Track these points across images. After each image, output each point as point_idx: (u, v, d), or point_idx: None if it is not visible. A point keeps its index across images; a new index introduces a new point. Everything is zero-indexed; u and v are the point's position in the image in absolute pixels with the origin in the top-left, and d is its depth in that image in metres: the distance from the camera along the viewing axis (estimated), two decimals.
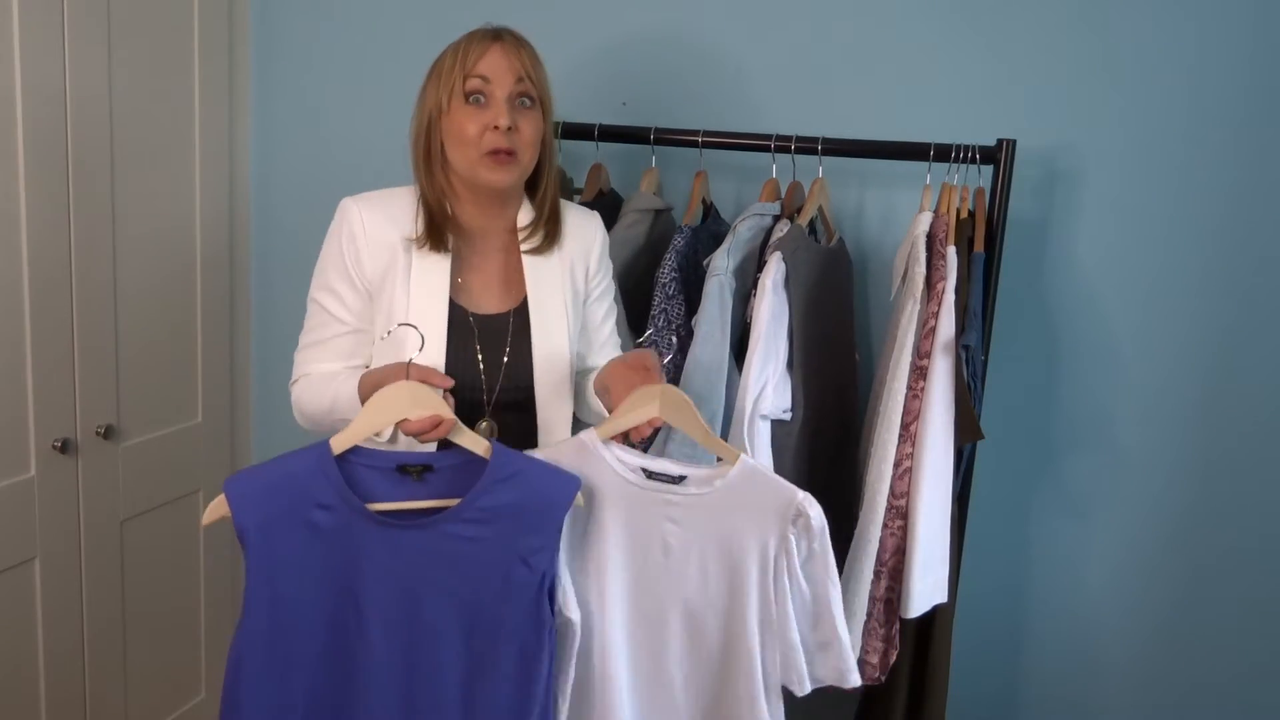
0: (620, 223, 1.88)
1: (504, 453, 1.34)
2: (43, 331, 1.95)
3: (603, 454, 1.41)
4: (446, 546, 1.33)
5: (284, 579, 1.31)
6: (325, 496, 1.31)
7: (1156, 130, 1.87)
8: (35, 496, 1.98)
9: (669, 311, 1.78)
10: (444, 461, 1.36)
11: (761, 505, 1.38)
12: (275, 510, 1.29)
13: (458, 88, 1.44)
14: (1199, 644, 1.99)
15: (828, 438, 1.84)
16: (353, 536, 1.32)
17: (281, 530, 1.30)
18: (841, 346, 1.92)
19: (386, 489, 1.34)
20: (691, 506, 1.40)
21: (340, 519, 1.31)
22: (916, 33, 1.95)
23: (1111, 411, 1.97)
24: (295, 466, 1.31)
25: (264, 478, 1.30)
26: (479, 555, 1.34)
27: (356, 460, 1.33)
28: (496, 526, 1.33)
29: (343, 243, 1.50)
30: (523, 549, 1.34)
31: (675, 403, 1.38)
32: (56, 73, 1.91)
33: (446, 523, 1.33)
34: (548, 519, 1.34)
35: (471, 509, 1.33)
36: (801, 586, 1.40)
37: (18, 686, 2.01)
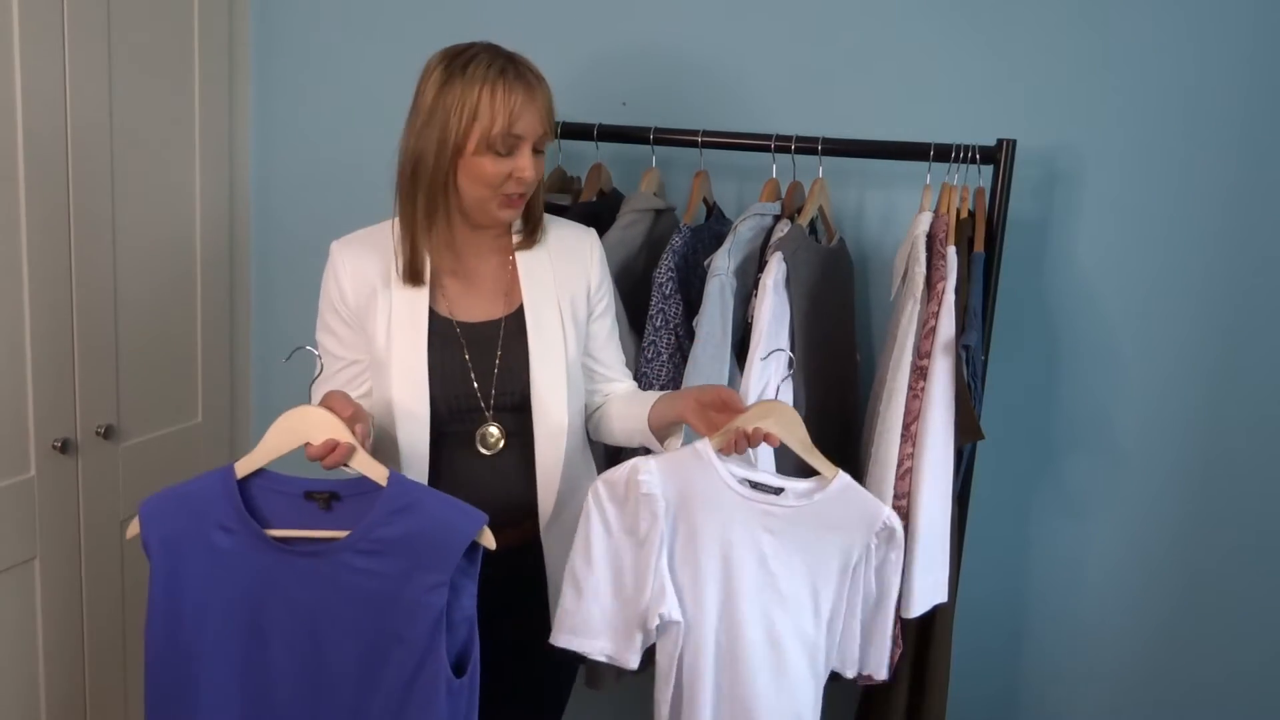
0: (618, 223, 1.88)
1: (401, 483, 1.34)
2: (43, 332, 1.95)
3: (714, 463, 1.47)
4: (342, 577, 1.32)
5: (184, 597, 1.32)
6: (226, 519, 1.32)
7: (1156, 130, 1.87)
8: (35, 496, 1.98)
9: (666, 311, 1.78)
10: (351, 490, 1.35)
11: (853, 519, 1.48)
12: (177, 527, 1.31)
13: (494, 139, 1.43)
14: (1199, 644, 1.99)
15: (828, 437, 1.83)
16: (252, 561, 1.32)
17: (183, 548, 1.31)
18: (842, 347, 1.92)
19: (291, 515, 1.34)
20: (788, 518, 1.48)
21: (239, 543, 1.32)
22: (916, 33, 1.95)
23: (1111, 411, 1.97)
24: (201, 487, 1.32)
25: (173, 496, 1.32)
26: (374, 588, 1.32)
27: (264, 484, 1.34)
28: (390, 559, 1.32)
29: (329, 283, 1.57)
30: (418, 584, 1.31)
31: (788, 421, 1.48)
32: (56, 73, 1.91)
33: (341, 552, 1.32)
34: (443, 554, 1.31)
35: (365, 539, 1.32)
36: (870, 584, 1.51)
37: (18, 686, 2.01)
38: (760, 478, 1.49)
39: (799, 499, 1.48)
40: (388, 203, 1.61)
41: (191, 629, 1.33)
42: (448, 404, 1.53)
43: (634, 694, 2.16)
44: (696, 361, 1.72)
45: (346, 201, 2.36)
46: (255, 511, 1.33)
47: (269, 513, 1.33)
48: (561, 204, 1.97)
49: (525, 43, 1.59)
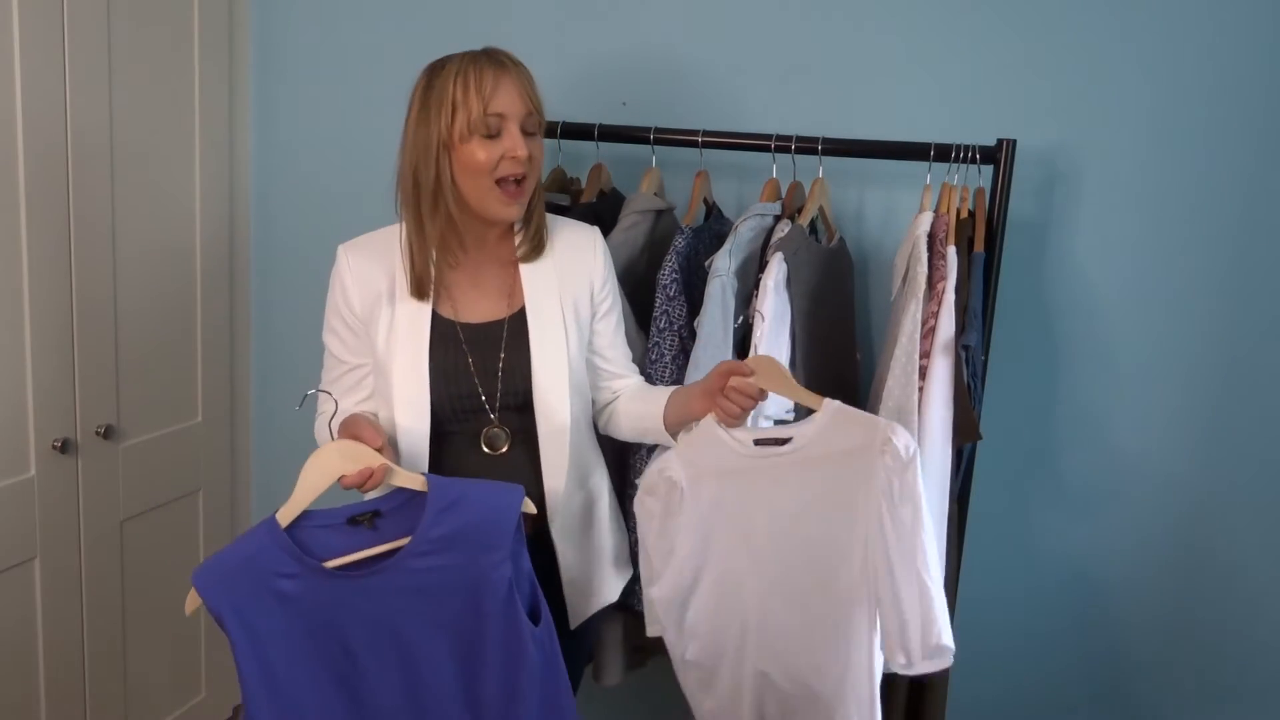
0: (620, 224, 1.88)
1: (440, 483, 1.41)
2: (43, 332, 1.95)
3: (720, 435, 1.53)
4: (413, 581, 1.39)
5: (273, 654, 1.37)
6: (285, 566, 1.36)
7: (1156, 130, 1.87)
8: (35, 496, 1.98)
9: (670, 313, 1.78)
10: (390, 504, 1.42)
11: (853, 444, 1.47)
12: (243, 593, 1.35)
13: (475, 121, 1.45)
14: (1199, 643, 1.99)
15: None
16: (322, 595, 1.37)
17: (254, 610, 1.35)
18: (843, 347, 1.92)
19: (342, 544, 1.40)
20: (795, 464, 1.50)
21: (305, 583, 1.37)
22: (917, 33, 1.95)
23: (1111, 411, 1.97)
24: (250, 547, 1.36)
25: (225, 562, 1.36)
26: (444, 582, 1.39)
27: (308, 524, 1.39)
28: (452, 552, 1.39)
29: (335, 288, 1.59)
30: (483, 565, 1.39)
31: (768, 367, 1.51)
32: (57, 76, 1.91)
33: (405, 560, 1.39)
34: (499, 533, 1.40)
35: (424, 543, 1.39)
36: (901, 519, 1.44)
37: (18, 686, 2.01)
38: (768, 433, 1.53)
39: (799, 441, 1.50)
40: (387, 205, 1.61)
41: (287, 675, 1.38)
42: (450, 404, 1.54)
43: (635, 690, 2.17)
44: (697, 362, 1.72)
45: (346, 203, 2.36)
46: (307, 551, 1.38)
47: (320, 549, 1.39)
48: (561, 204, 1.97)
49: (525, 44, 1.60)
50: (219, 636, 2.50)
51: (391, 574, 1.39)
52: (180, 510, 2.36)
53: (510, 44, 1.54)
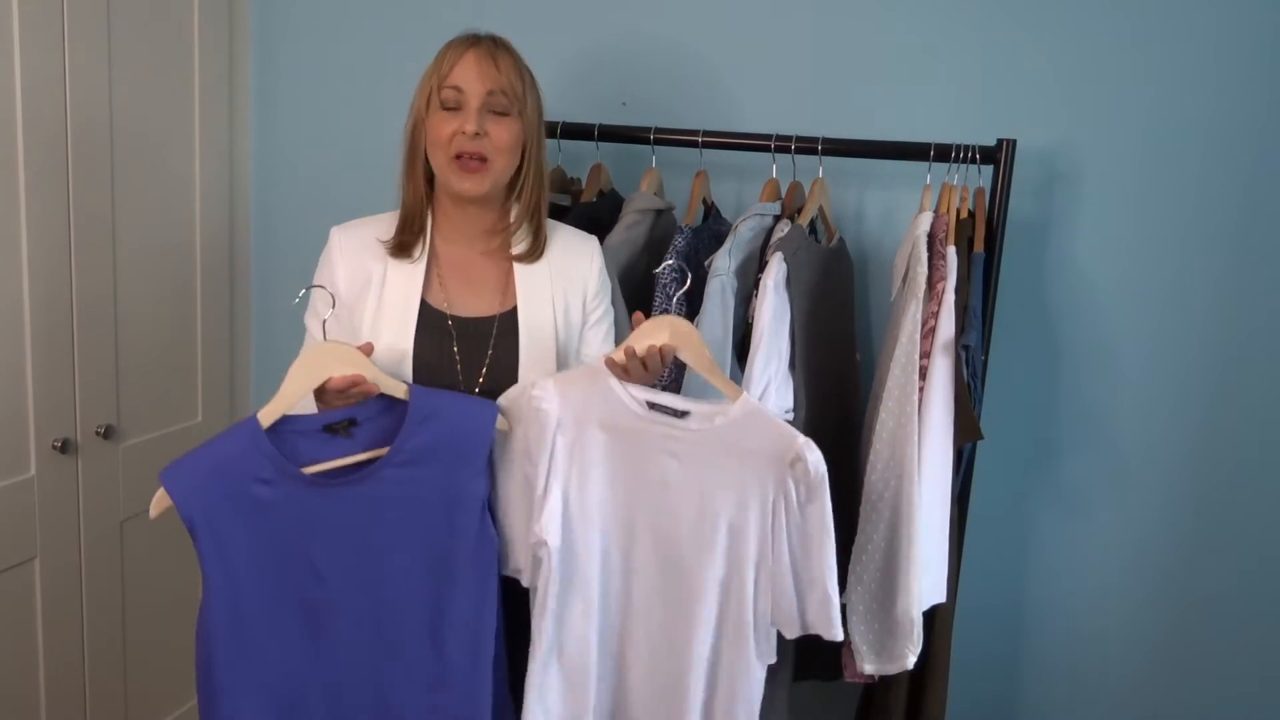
0: (620, 223, 1.88)
1: (421, 393, 1.40)
2: (43, 331, 1.95)
3: (611, 382, 1.43)
4: (388, 492, 1.38)
5: (239, 561, 1.34)
6: (263, 471, 1.34)
7: (1156, 130, 1.87)
8: (35, 496, 1.98)
9: (669, 312, 1.78)
10: (367, 413, 1.41)
11: (761, 447, 1.39)
12: (217, 495, 1.32)
13: (434, 94, 1.49)
14: (1200, 644, 1.99)
15: (828, 438, 1.83)
16: (297, 504, 1.36)
17: (227, 513, 1.33)
18: (842, 346, 1.92)
19: (318, 450, 1.38)
20: (692, 443, 1.41)
21: (282, 490, 1.35)
22: (916, 33, 1.95)
23: (1111, 411, 1.97)
24: (229, 447, 1.34)
25: (200, 463, 1.32)
26: (420, 494, 1.39)
27: (285, 429, 1.37)
28: (429, 465, 1.39)
29: (324, 268, 1.58)
30: (458, 479, 1.40)
31: (684, 333, 1.41)
32: (56, 73, 1.91)
33: (382, 470, 1.38)
34: (475, 447, 1.40)
35: (401, 453, 1.38)
36: (797, 530, 1.41)
37: (18, 686, 2.01)
38: (664, 399, 1.42)
39: (702, 423, 1.41)
40: (389, 201, 1.62)
41: (250, 590, 1.36)
42: None
43: None
44: None
45: (346, 201, 2.36)
46: (288, 456, 1.36)
47: (297, 454, 1.37)
48: (561, 204, 1.97)
49: (525, 42, 1.60)
50: None
51: (368, 483, 1.37)
52: None
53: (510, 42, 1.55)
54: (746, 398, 1.41)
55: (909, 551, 1.64)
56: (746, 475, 1.40)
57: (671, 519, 1.43)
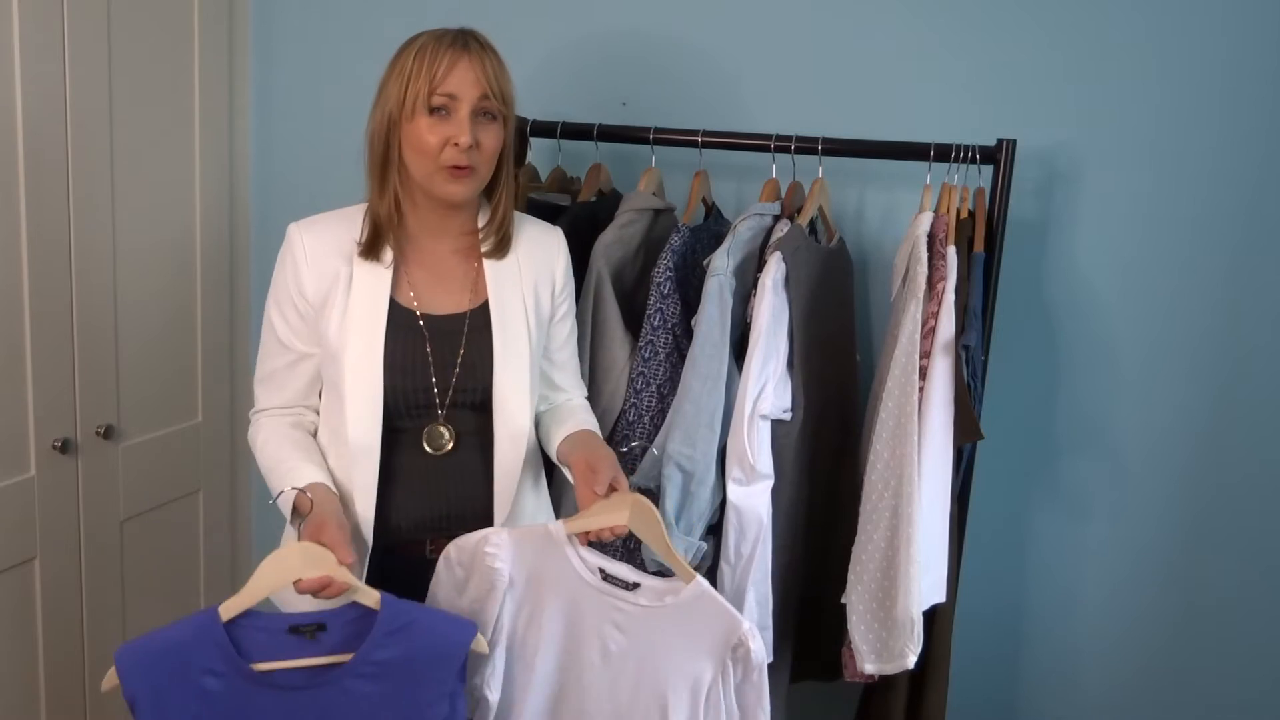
0: (616, 222, 1.87)
1: (394, 604, 1.33)
2: (43, 331, 1.95)
3: (565, 548, 1.42)
4: (341, 703, 1.32)
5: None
6: (214, 663, 1.29)
7: (1156, 130, 1.87)
8: (35, 496, 1.98)
9: (664, 311, 1.78)
10: (338, 619, 1.34)
11: (706, 630, 1.38)
12: (164, 678, 1.28)
13: (422, 99, 1.42)
14: (1200, 642, 1.99)
15: (828, 438, 1.84)
16: (245, 701, 1.30)
17: (172, 699, 1.28)
18: (842, 346, 1.91)
19: (278, 650, 1.32)
20: (638, 617, 1.40)
21: (230, 685, 1.30)
22: (917, 33, 1.95)
23: (1111, 411, 1.97)
24: (184, 633, 1.30)
25: (153, 645, 1.29)
26: (375, 710, 1.32)
27: (248, 624, 1.32)
28: (391, 681, 1.32)
29: (286, 268, 1.52)
30: (421, 700, 1.32)
31: (644, 515, 1.40)
32: (56, 73, 1.91)
33: (340, 680, 1.32)
34: (444, 667, 1.33)
35: (365, 663, 1.32)
36: (732, 708, 1.39)
37: (18, 686, 2.01)
38: (616, 570, 1.41)
39: (651, 600, 1.40)
40: None
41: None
42: (404, 398, 1.48)
43: None
44: (694, 361, 1.72)
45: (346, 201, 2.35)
46: (241, 650, 1.31)
47: (255, 650, 1.31)
48: (561, 204, 1.97)
49: (525, 42, 1.60)
50: None
51: (323, 691, 1.31)
52: (180, 510, 2.36)
53: (509, 42, 1.54)
54: (699, 580, 1.39)
55: (909, 551, 1.64)
56: (687, 654, 1.39)
57: (608, 689, 1.42)
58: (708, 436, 1.72)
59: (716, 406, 1.72)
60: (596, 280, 1.79)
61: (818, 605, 1.85)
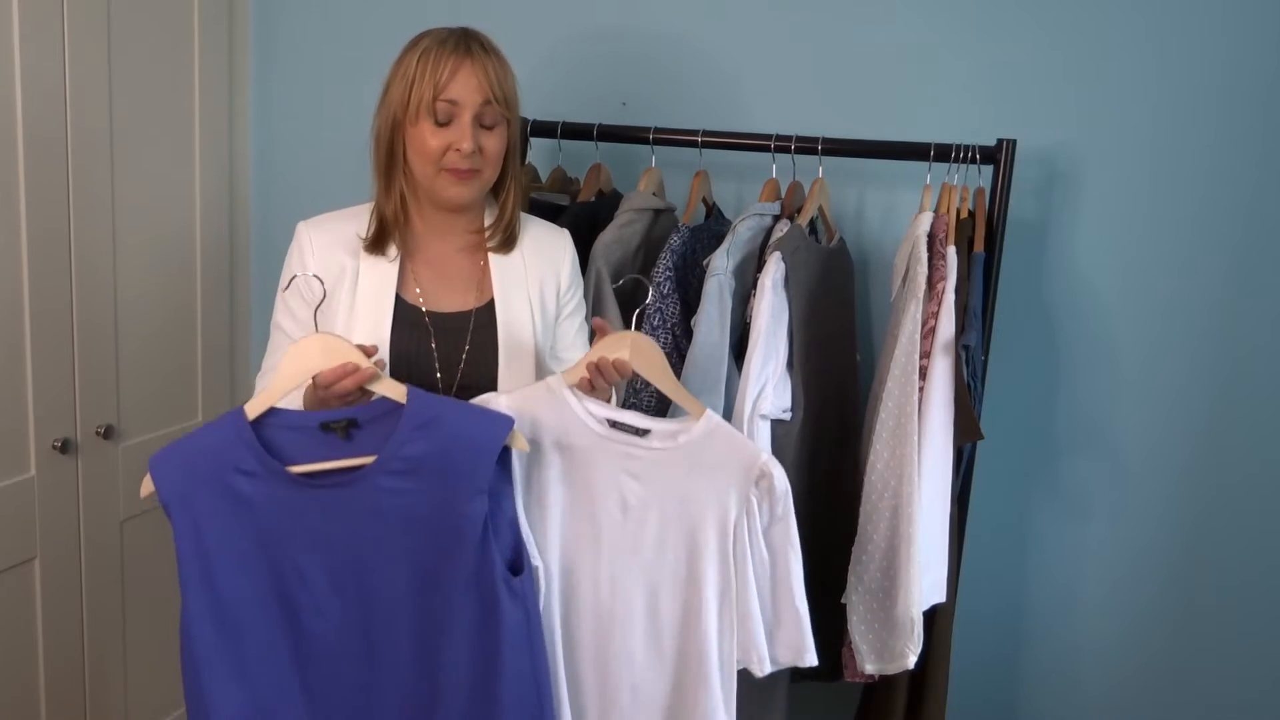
0: (615, 221, 1.87)
1: (421, 398, 1.29)
2: (43, 331, 1.95)
3: (569, 399, 1.37)
4: (377, 502, 1.28)
5: (216, 552, 1.27)
6: (245, 463, 1.26)
7: (1156, 130, 1.87)
8: (35, 496, 1.98)
9: (664, 311, 1.78)
10: (369, 414, 1.29)
11: (724, 464, 1.35)
12: (195, 480, 1.25)
13: (425, 104, 1.43)
14: (1200, 642, 1.99)
15: (828, 438, 1.84)
16: (281, 502, 1.27)
17: (204, 500, 1.26)
18: (841, 346, 1.91)
19: (311, 449, 1.28)
20: (654, 462, 1.36)
21: (264, 486, 1.26)
22: (917, 33, 1.95)
23: (1111, 411, 1.97)
24: (212, 435, 1.27)
25: (185, 449, 1.27)
26: (411, 508, 1.28)
27: (276, 423, 1.28)
28: (423, 476, 1.27)
29: (293, 262, 1.54)
30: (455, 497, 1.27)
31: (645, 350, 1.36)
32: (56, 72, 1.91)
33: (371, 477, 1.27)
34: (477, 463, 1.27)
35: (394, 460, 1.27)
36: (762, 553, 1.37)
37: (18, 686, 2.01)
38: (624, 417, 1.37)
39: (664, 441, 1.35)
40: None
41: (228, 582, 1.28)
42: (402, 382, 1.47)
43: None
44: (694, 361, 1.72)
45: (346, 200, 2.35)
46: (272, 450, 1.27)
47: (287, 451, 1.27)
48: (561, 204, 1.97)
49: (525, 42, 1.60)
50: None
51: (356, 489, 1.27)
52: None
53: (509, 42, 1.54)
54: (710, 414, 1.36)
55: (909, 551, 1.64)
56: (709, 492, 1.35)
57: (632, 543, 1.38)
58: None
59: (716, 407, 1.72)
60: (596, 280, 1.79)
61: (818, 605, 1.85)
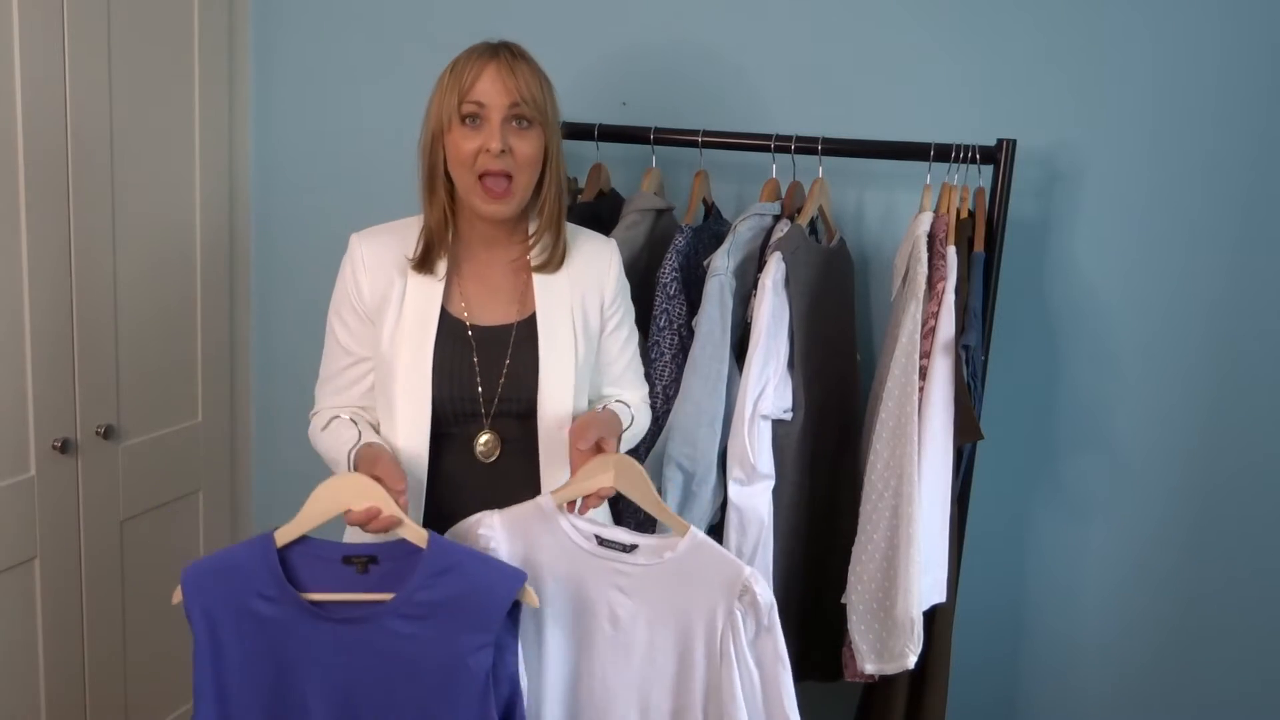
0: (621, 223, 1.88)
1: (441, 544, 1.34)
2: (43, 331, 1.95)
3: (558, 520, 1.41)
4: (385, 642, 1.33)
5: (229, 667, 1.33)
6: (266, 587, 1.32)
7: (1156, 130, 1.87)
8: (35, 496, 1.98)
9: (670, 312, 1.78)
10: (390, 553, 1.35)
11: (709, 579, 1.38)
12: (218, 597, 1.32)
13: (454, 109, 1.46)
14: (1200, 642, 1.99)
15: (828, 438, 1.84)
16: (293, 629, 1.33)
17: (224, 618, 1.32)
18: (842, 346, 1.92)
19: (329, 579, 1.34)
20: (641, 577, 1.40)
21: (280, 611, 1.32)
22: (917, 33, 1.96)
23: (1111, 411, 1.97)
24: (241, 555, 1.33)
25: (213, 565, 1.33)
26: (417, 652, 1.32)
27: (303, 550, 1.34)
28: (434, 622, 1.32)
29: (345, 275, 1.57)
30: (463, 647, 1.31)
31: (629, 473, 1.40)
32: (56, 73, 1.91)
33: (384, 617, 1.32)
34: (487, 615, 1.32)
35: (408, 603, 1.32)
36: (750, 668, 1.39)
37: (18, 686, 2.01)
38: (611, 534, 1.41)
39: (650, 558, 1.39)
40: (387, 204, 1.62)
41: (238, 697, 1.34)
42: (451, 405, 1.51)
43: None
44: (695, 361, 1.72)
45: (347, 201, 2.36)
46: (294, 577, 1.33)
47: (308, 578, 1.34)
48: None
49: (524, 42, 1.59)
50: None
51: (368, 627, 1.32)
52: (180, 510, 2.36)
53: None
54: (694, 531, 1.39)
55: (909, 551, 1.64)
56: (696, 605, 1.39)
57: (624, 656, 1.41)
58: (709, 437, 1.72)
59: (717, 407, 1.72)
60: None
61: (818, 605, 1.86)
